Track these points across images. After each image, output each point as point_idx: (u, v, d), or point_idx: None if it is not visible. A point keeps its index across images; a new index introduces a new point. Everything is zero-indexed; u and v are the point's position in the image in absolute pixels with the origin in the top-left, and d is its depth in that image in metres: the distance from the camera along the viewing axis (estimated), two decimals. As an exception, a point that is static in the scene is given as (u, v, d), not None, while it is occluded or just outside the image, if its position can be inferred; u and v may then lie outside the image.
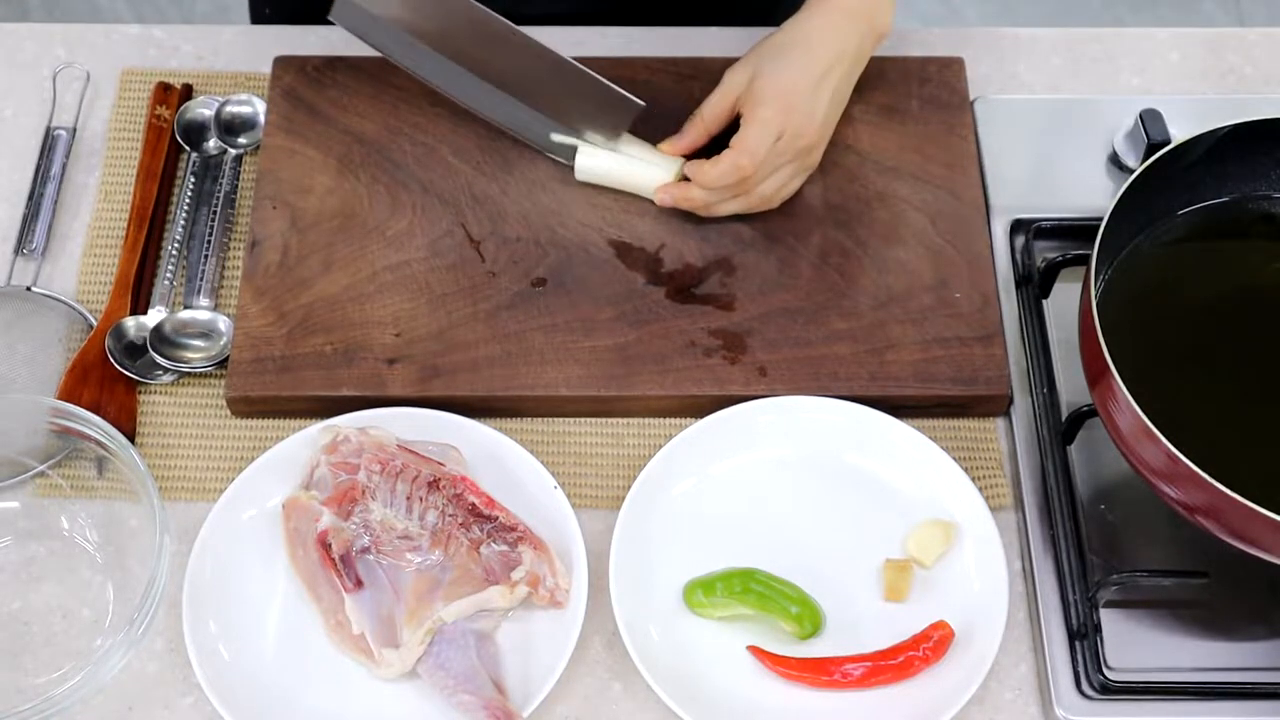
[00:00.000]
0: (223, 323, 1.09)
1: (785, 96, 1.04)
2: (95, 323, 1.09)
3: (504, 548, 0.97)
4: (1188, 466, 0.84)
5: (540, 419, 1.06)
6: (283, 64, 1.19)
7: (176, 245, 1.13)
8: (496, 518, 0.97)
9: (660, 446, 1.01)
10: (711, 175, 1.05)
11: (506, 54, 1.07)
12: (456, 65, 1.09)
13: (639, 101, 1.06)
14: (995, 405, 1.06)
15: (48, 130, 1.19)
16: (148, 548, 0.96)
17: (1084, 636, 0.95)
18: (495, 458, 1.01)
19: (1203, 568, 0.95)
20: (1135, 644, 0.96)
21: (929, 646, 0.94)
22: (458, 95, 1.11)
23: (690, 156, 1.10)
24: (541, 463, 1.01)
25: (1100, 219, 0.93)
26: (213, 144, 1.18)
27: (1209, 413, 0.93)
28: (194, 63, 1.23)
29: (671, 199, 1.09)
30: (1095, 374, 0.91)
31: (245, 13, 1.40)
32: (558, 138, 1.11)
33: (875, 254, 1.10)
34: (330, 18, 1.09)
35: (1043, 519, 1.01)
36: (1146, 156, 0.99)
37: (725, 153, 1.05)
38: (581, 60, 1.20)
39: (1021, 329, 1.08)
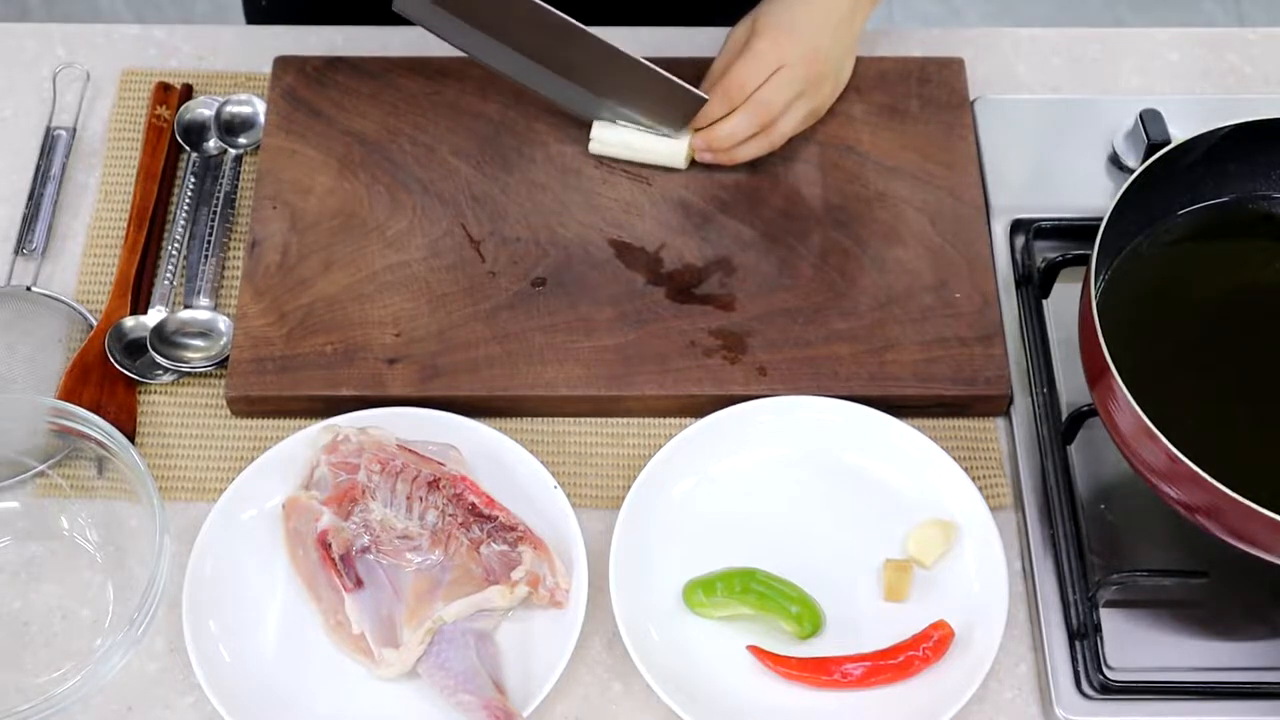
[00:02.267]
0: (223, 323, 1.09)
1: (784, 30, 1.07)
2: (95, 323, 1.09)
3: (504, 548, 0.97)
4: (1188, 466, 0.84)
5: (540, 419, 1.06)
6: (283, 64, 1.19)
7: (176, 245, 1.13)
8: (496, 517, 0.97)
9: (660, 446, 1.01)
10: (722, 126, 1.09)
11: (565, 45, 1.07)
12: (520, 55, 1.10)
13: (703, 95, 1.07)
14: (995, 405, 1.06)
15: (48, 130, 1.19)
16: (148, 548, 0.96)
17: (1084, 636, 0.95)
18: (495, 458, 1.01)
19: (1203, 568, 0.95)
20: (1135, 644, 0.96)
21: (929, 646, 0.94)
22: (522, 79, 1.12)
23: None
24: (541, 463, 1.01)
25: (1100, 219, 0.93)
26: (213, 144, 1.18)
27: (1209, 413, 0.93)
28: (194, 63, 1.23)
29: (704, 142, 1.10)
30: (1095, 374, 0.91)
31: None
32: (624, 114, 1.12)
33: (875, 254, 1.10)
34: (394, 8, 1.10)
35: (1043, 519, 1.01)
36: (1146, 156, 0.99)
37: (712, 92, 1.08)
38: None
39: (1021, 329, 1.08)
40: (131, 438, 1.04)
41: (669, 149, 1.12)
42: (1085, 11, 2.53)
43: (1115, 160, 1.15)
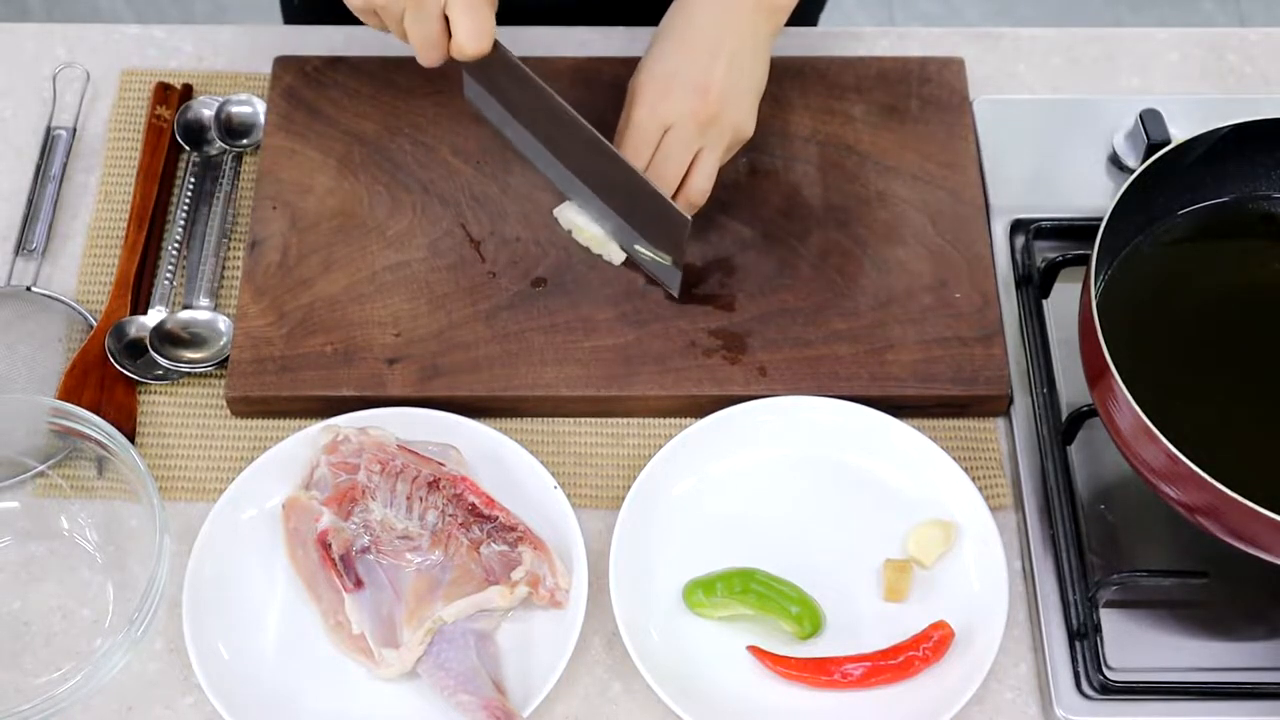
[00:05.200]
0: (223, 323, 1.09)
1: (660, 87, 1.01)
2: (95, 323, 1.09)
3: (504, 548, 0.97)
4: (1188, 466, 0.84)
5: (540, 419, 1.06)
6: (283, 64, 1.19)
7: (176, 245, 1.13)
8: (496, 518, 0.97)
9: (660, 446, 1.01)
10: None
11: (589, 155, 1.03)
12: (560, 163, 1.08)
13: (686, 216, 0.99)
14: (995, 405, 1.06)
15: (48, 130, 1.19)
16: (148, 548, 0.96)
17: (1084, 636, 0.95)
18: (495, 458, 1.01)
19: (1203, 568, 0.95)
20: (1135, 644, 0.97)
21: (929, 646, 0.94)
22: (563, 187, 1.11)
23: None
24: (541, 463, 1.01)
25: (1100, 219, 0.93)
26: (213, 144, 1.18)
27: (1209, 413, 0.93)
28: (194, 63, 1.23)
29: None
30: (1095, 374, 0.92)
31: (244, 13, 1.40)
32: (639, 248, 1.07)
33: (875, 254, 1.10)
34: (465, 94, 1.12)
35: (1043, 519, 1.01)
36: (1146, 156, 0.99)
37: None
38: (585, 60, 1.20)
39: (1021, 329, 1.08)
40: (131, 438, 1.04)
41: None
42: (1085, 11, 2.53)
43: (1115, 160, 1.15)
